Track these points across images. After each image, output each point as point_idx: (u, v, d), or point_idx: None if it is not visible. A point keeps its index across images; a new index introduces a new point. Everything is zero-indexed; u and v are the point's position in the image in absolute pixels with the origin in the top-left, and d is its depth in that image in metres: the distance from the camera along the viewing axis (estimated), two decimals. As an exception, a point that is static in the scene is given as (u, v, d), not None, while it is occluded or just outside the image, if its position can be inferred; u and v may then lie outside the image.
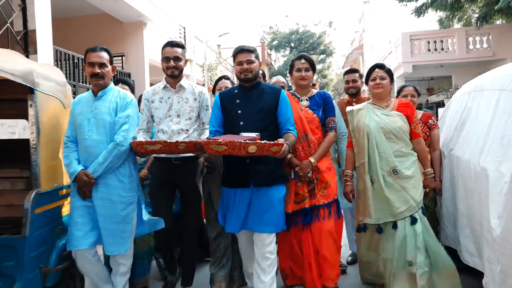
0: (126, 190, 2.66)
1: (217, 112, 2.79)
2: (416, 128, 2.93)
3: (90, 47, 2.72)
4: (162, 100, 2.98)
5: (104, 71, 2.69)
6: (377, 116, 2.90)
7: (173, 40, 3.04)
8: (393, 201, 2.79)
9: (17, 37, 5.52)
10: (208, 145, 2.33)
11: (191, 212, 3.06)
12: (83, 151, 2.64)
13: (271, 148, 2.31)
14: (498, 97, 2.61)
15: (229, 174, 2.75)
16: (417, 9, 13.65)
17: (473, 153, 2.71)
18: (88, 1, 7.68)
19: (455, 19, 15.23)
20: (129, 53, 9.24)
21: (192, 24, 13.58)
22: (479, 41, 14.12)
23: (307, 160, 2.84)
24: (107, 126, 2.64)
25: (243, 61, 2.71)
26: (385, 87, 2.94)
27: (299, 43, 35.05)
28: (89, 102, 2.70)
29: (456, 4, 12.99)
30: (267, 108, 2.70)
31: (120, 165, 2.65)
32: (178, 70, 2.95)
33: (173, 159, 2.88)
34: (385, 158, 2.83)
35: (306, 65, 2.99)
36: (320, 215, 2.86)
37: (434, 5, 13.54)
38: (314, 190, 2.88)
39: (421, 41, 14.64)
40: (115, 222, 2.59)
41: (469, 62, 14.13)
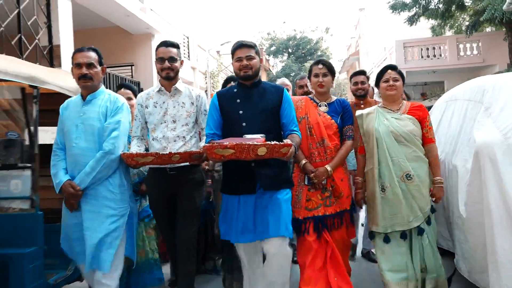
0: (117, 201, 2.48)
1: (215, 114, 2.58)
2: (429, 133, 2.82)
3: (77, 48, 2.58)
4: (157, 105, 2.74)
5: (92, 72, 2.50)
6: (386, 120, 2.82)
7: (167, 40, 2.80)
8: (406, 209, 2.72)
9: (43, 52, 6.08)
10: (212, 149, 2.11)
11: (184, 223, 2.76)
12: (71, 159, 2.49)
13: (281, 149, 2.16)
14: (467, 106, 3.13)
15: (232, 180, 2.56)
16: (410, 18, 14.24)
17: (447, 154, 3.16)
18: (102, 15, 8.23)
19: (447, 27, 15.83)
20: (138, 62, 9.79)
21: (194, 33, 14.18)
22: (469, 48, 14.72)
23: (323, 167, 2.74)
24: (95, 133, 2.47)
25: (243, 57, 2.51)
26: (398, 89, 2.85)
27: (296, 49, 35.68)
28: (77, 106, 2.54)
29: (446, 13, 13.59)
30: (270, 108, 2.53)
31: (111, 174, 2.48)
32: (173, 72, 2.71)
33: (167, 169, 2.67)
34: (398, 162, 2.73)
35: (323, 70, 2.87)
36: (335, 223, 2.78)
37: (426, 14, 14.12)
38: (330, 197, 2.79)
39: (414, 48, 15.25)
40: (101, 236, 2.38)
41: (460, 68, 14.70)
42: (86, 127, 2.47)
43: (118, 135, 2.47)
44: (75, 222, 2.47)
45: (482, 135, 2.52)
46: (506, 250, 2.26)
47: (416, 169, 2.73)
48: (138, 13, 8.83)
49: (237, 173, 2.50)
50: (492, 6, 9.40)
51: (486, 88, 2.87)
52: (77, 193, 2.39)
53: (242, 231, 2.50)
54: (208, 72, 14.86)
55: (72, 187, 2.39)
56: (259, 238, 2.49)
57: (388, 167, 2.75)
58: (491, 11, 9.39)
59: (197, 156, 2.47)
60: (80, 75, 2.48)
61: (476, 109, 2.95)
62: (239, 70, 2.53)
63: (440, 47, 15.07)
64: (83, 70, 2.47)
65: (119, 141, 2.48)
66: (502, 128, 2.41)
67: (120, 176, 2.54)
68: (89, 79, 2.49)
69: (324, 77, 2.87)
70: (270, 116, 2.52)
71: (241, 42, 2.58)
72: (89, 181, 2.39)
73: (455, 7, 13.31)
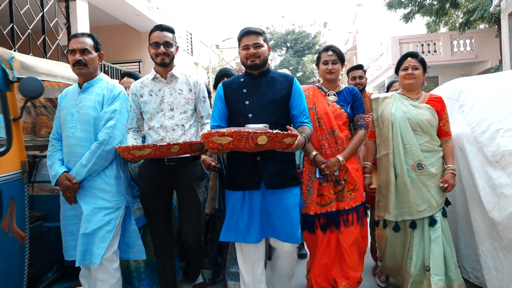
0: (113, 194, 2.38)
1: (220, 105, 2.43)
2: (445, 126, 2.75)
3: (73, 34, 2.49)
4: (152, 93, 2.57)
5: (87, 58, 2.38)
6: (404, 106, 2.73)
7: (162, 24, 2.64)
8: (414, 198, 2.63)
9: (63, 51, 6.56)
10: (209, 137, 1.93)
11: (190, 222, 2.63)
12: (66, 150, 2.40)
13: (284, 139, 1.97)
14: (447, 103, 3.64)
15: (236, 175, 2.39)
16: (406, 15, 14.73)
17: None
18: (113, 15, 8.68)
19: (441, 24, 16.33)
20: (146, 59, 10.24)
21: (197, 30, 14.62)
22: (462, 44, 15.20)
23: (335, 158, 2.60)
24: (91, 122, 2.37)
25: (250, 45, 2.35)
26: (418, 78, 2.75)
27: (295, 43, 36.05)
28: (74, 94, 2.44)
29: (441, 10, 14.09)
30: (279, 98, 2.35)
31: (107, 166, 2.39)
32: (169, 58, 2.54)
33: (165, 159, 2.51)
34: (410, 150, 2.65)
35: (333, 57, 2.73)
36: (349, 220, 2.62)
37: (421, 11, 14.62)
38: (343, 192, 2.65)
39: (409, 44, 15.71)
40: (94, 228, 2.29)
41: (453, 63, 15.19)
42: (82, 116, 2.37)
43: (114, 124, 2.37)
44: (72, 214, 2.40)
45: (455, 128, 3.03)
46: (478, 222, 2.72)
47: (429, 158, 2.65)
48: (146, 12, 9.28)
49: (242, 167, 2.35)
50: (481, 7, 9.92)
51: (462, 89, 3.37)
52: (73, 185, 2.30)
53: (247, 230, 2.32)
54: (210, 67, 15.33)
55: (68, 180, 2.29)
56: (266, 236, 2.37)
57: (399, 154, 2.67)
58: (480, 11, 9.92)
59: (198, 146, 2.33)
60: (74, 61, 2.37)
61: (454, 106, 3.43)
62: (246, 59, 2.37)
63: (434, 43, 15.54)
64: (77, 56, 2.36)
65: (115, 131, 2.37)
66: (471, 123, 2.92)
67: (117, 167, 2.44)
68: (83, 65, 2.37)
69: (333, 64, 2.73)
70: (279, 107, 2.35)
71: (247, 29, 2.39)
72: (85, 173, 2.30)
73: (449, 5, 13.82)
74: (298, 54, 34.58)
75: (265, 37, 2.40)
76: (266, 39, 2.41)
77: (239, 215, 2.35)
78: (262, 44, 2.36)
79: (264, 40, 2.38)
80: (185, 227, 2.66)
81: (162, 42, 2.52)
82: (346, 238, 2.63)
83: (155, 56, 2.55)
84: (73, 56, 2.38)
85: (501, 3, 7.95)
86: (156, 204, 2.62)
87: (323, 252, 2.69)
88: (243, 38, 2.39)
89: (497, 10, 8.20)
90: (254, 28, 2.41)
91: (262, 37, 2.38)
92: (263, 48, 2.37)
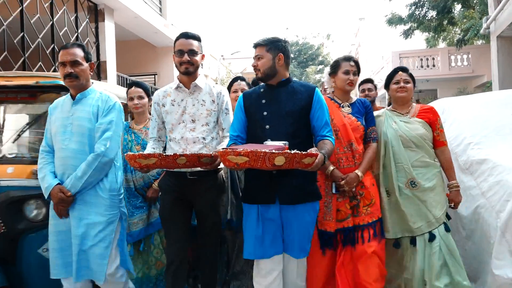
0: (107, 207, 2.34)
1: (240, 115, 2.37)
2: (440, 136, 2.73)
3: (63, 45, 2.42)
4: (175, 103, 2.49)
5: (78, 70, 2.33)
6: (395, 123, 2.73)
7: (188, 31, 2.53)
8: (409, 216, 2.60)
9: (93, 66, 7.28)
10: (224, 156, 1.87)
11: (208, 239, 2.53)
12: (59, 162, 2.34)
13: (302, 159, 1.90)
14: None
15: (251, 188, 2.32)
16: (405, 31, 15.50)
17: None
18: (134, 32, 9.40)
19: (440, 39, 17.08)
20: (161, 72, 10.95)
21: (207, 43, 15.39)
22: (460, 59, 15.92)
23: (354, 173, 2.50)
24: (86, 134, 2.33)
25: (254, 57, 2.35)
26: (409, 91, 2.75)
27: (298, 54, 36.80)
28: (67, 106, 2.39)
29: (439, 27, 14.85)
30: (298, 109, 2.26)
31: (101, 178, 2.34)
32: (193, 67, 2.45)
33: (187, 173, 2.41)
34: (402, 169, 2.64)
35: (354, 68, 2.65)
36: (365, 237, 2.49)
37: (421, 28, 15.39)
38: (358, 207, 2.55)
39: (409, 59, 16.45)
40: (91, 245, 2.26)
41: (451, 77, 15.90)
42: (76, 128, 2.33)
43: (111, 136, 2.33)
44: (62, 230, 2.32)
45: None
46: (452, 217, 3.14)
47: (425, 173, 2.64)
48: (162, 28, 9.99)
49: (257, 180, 2.26)
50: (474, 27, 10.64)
51: (444, 108, 3.98)
52: (67, 198, 2.24)
53: (263, 245, 2.24)
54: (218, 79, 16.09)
55: (62, 192, 2.24)
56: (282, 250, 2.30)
57: (391, 173, 2.66)
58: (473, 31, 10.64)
59: (207, 159, 2.20)
60: (65, 74, 2.33)
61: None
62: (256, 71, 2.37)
63: (433, 58, 16.26)
64: (68, 69, 2.32)
65: (112, 143, 2.33)
66: (449, 137, 3.46)
67: (111, 180, 2.39)
68: (74, 77, 2.33)
69: (354, 76, 2.65)
70: (297, 119, 2.26)
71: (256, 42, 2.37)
72: (80, 185, 2.25)
73: (446, 22, 14.57)
74: (301, 65, 35.31)
75: (270, 47, 2.31)
76: (271, 49, 2.31)
77: (256, 230, 2.25)
78: (262, 55, 2.31)
79: (267, 50, 2.30)
80: (203, 243, 2.55)
81: (186, 50, 2.43)
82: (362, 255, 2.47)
83: (179, 65, 2.46)
84: (63, 68, 2.34)
85: (491, 25, 8.65)
86: (174, 218, 2.50)
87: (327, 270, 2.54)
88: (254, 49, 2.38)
89: (487, 32, 8.90)
90: (257, 40, 2.37)
91: (265, 48, 2.31)
92: (263, 60, 2.30)
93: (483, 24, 8.94)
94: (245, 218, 2.36)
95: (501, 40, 8.45)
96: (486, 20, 8.82)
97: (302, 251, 2.30)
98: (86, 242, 2.26)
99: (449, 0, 13.60)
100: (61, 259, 2.30)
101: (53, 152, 2.40)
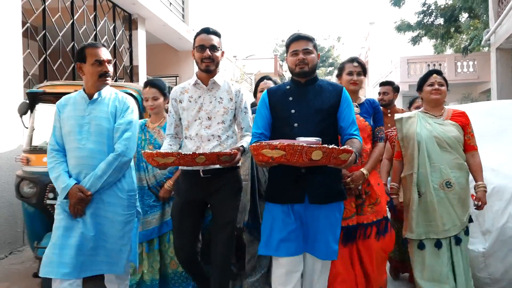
0: (124, 207, 2.34)
1: (264, 112, 2.30)
2: (471, 140, 2.72)
3: (90, 43, 2.38)
4: (192, 100, 2.45)
5: (110, 70, 2.37)
6: (429, 124, 2.72)
7: (209, 27, 2.47)
8: (441, 218, 2.61)
9: (127, 70, 8.08)
10: (259, 149, 1.84)
11: (220, 237, 2.42)
12: (76, 162, 2.30)
13: (340, 155, 1.84)
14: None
15: (279, 187, 2.24)
16: (413, 38, 16.12)
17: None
18: (161, 38, 10.18)
19: (447, 45, 17.65)
20: (182, 74, 11.71)
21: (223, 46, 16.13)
22: (466, 66, 16.51)
23: (359, 171, 2.52)
24: (104, 134, 2.31)
25: (299, 51, 2.23)
26: (443, 94, 2.74)
27: (317, 54, 37.34)
28: (81, 105, 2.35)
29: (446, 35, 15.44)
30: (327, 108, 2.24)
31: (119, 178, 2.34)
32: (214, 63, 2.40)
33: (202, 171, 2.37)
34: (439, 169, 2.64)
35: (358, 68, 2.70)
36: (367, 234, 2.54)
37: (428, 35, 15.99)
38: (363, 205, 2.58)
39: (417, 64, 17.08)
40: (111, 241, 2.29)
41: (457, 83, 16.37)
42: (94, 127, 2.31)
43: (130, 136, 2.34)
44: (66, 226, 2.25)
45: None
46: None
47: (458, 177, 2.64)
48: (185, 34, 10.75)
49: (285, 178, 2.21)
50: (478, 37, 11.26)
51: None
52: (87, 198, 2.23)
53: (287, 244, 2.18)
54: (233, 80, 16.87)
55: (81, 192, 2.22)
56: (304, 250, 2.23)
57: (425, 173, 2.65)
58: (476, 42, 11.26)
59: (226, 158, 2.15)
60: (102, 72, 2.33)
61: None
62: (295, 66, 2.25)
63: (440, 64, 16.85)
64: (107, 67, 2.34)
65: (131, 143, 2.34)
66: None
67: (128, 180, 2.41)
68: (109, 76, 2.37)
69: (358, 76, 2.71)
70: (326, 117, 2.24)
71: (298, 34, 2.30)
72: (100, 185, 2.25)
73: (453, 30, 15.17)
74: (312, 66, 35.79)
75: (315, 43, 2.30)
76: (316, 46, 2.31)
77: (280, 228, 2.20)
78: (312, 50, 2.26)
79: (314, 46, 2.28)
80: (215, 242, 2.44)
81: (208, 46, 2.38)
82: (367, 248, 2.55)
83: (200, 61, 2.41)
84: (100, 67, 2.32)
85: (491, 38, 9.28)
86: (185, 217, 2.46)
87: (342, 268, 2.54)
88: (293, 43, 2.29)
89: (487, 44, 9.52)
90: (304, 33, 2.30)
91: (312, 43, 2.28)
92: (313, 55, 2.26)
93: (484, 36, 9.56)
94: (268, 217, 2.28)
95: (500, 52, 9.04)
96: (486, 32, 9.45)
97: (330, 252, 2.21)
98: (105, 239, 2.28)
99: (456, 9, 14.20)
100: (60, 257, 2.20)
101: (63, 151, 2.35)
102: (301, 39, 2.27)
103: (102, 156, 2.28)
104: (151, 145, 2.91)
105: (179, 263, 2.60)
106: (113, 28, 7.64)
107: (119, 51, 7.75)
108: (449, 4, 14.59)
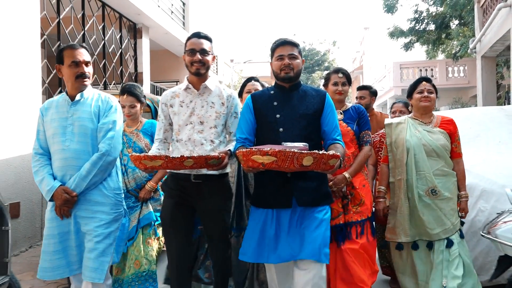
0: (112, 206, 2.34)
1: (248, 117, 2.32)
2: (457, 148, 2.78)
3: (69, 45, 2.36)
4: (183, 104, 2.44)
5: (88, 72, 2.36)
6: (418, 132, 2.78)
7: (200, 31, 2.48)
8: (427, 222, 2.67)
9: (132, 77, 8.51)
10: (249, 155, 1.82)
11: (215, 246, 2.46)
12: (60, 164, 2.30)
13: (329, 160, 1.85)
14: None
15: (265, 192, 2.26)
16: (406, 44, 16.63)
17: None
18: (163, 45, 10.60)
19: (439, 51, 18.18)
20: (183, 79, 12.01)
21: (222, 52, 16.59)
22: (456, 71, 17.09)
23: (341, 175, 2.60)
24: (88, 134, 2.31)
25: (285, 55, 2.27)
26: (433, 101, 2.79)
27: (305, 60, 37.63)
28: (64, 107, 2.35)
29: (437, 41, 15.97)
30: (311, 113, 2.27)
31: (105, 177, 2.34)
32: (204, 67, 2.40)
33: (192, 176, 2.36)
34: (424, 177, 2.70)
35: (343, 79, 2.83)
36: (352, 233, 2.61)
37: (420, 41, 16.51)
38: (347, 205, 2.68)
39: (409, 69, 17.62)
40: (96, 241, 2.24)
41: (448, 88, 16.99)
42: (78, 128, 2.31)
43: (114, 135, 2.34)
44: (62, 231, 2.29)
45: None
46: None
47: (445, 182, 2.71)
48: (185, 41, 11.22)
49: (272, 184, 2.23)
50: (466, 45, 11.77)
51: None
52: (72, 198, 2.23)
53: (273, 250, 2.20)
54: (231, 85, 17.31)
55: (66, 193, 2.21)
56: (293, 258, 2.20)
57: (412, 180, 2.72)
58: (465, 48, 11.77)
59: (214, 161, 2.13)
60: (80, 73, 2.32)
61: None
62: (280, 70, 2.28)
63: (432, 69, 17.42)
64: (83, 68, 2.33)
65: (115, 142, 2.34)
66: None
67: (115, 179, 2.41)
68: (87, 78, 2.35)
69: (343, 86, 2.83)
70: (311, 122, 2.27)
71: (283, 39, 2.34)
72: (85, 185, 2.24)
73: (444, 36, 15.70)
74: (308, 70, 36.16)
75: (299, 49, 2.34)
76: (300, 51, 2.34)
77: (265, 234, 2.21)
78: (297, 56, 2.30)
79: (299, 52, 2.32)
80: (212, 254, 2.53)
81: (198, 49, 2.38)
82: (350, 250, 2.59)
83: (190, 65, 2.41)
84: (76, 68, 2.31)
85: (476, 46, 9.77)
86: (175, 223, 2.44)
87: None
88: (278, 48, 2.32)
89: (473, 51, 10.02)
90: (290, 39, 2.34)
91: (297, 49, 2.32)
92: (298, 61, 2.29)
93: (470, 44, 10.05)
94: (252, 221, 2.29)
95: (485, 60, 9.52)
96: (472, 41, 9.94)
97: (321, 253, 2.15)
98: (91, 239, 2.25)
99: (447, 17, 14.73)
100: (65, 259, 2.28)
101: (47, 155, 2.36)
102: (287, 44, 2.31)
103: (86, 157, 2.29)
104: (130, 148, 2.95)
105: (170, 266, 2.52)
106: (120, 37, 8.08)
107: (125, 59, 8.20)
108: (440, 12, 15.10)
